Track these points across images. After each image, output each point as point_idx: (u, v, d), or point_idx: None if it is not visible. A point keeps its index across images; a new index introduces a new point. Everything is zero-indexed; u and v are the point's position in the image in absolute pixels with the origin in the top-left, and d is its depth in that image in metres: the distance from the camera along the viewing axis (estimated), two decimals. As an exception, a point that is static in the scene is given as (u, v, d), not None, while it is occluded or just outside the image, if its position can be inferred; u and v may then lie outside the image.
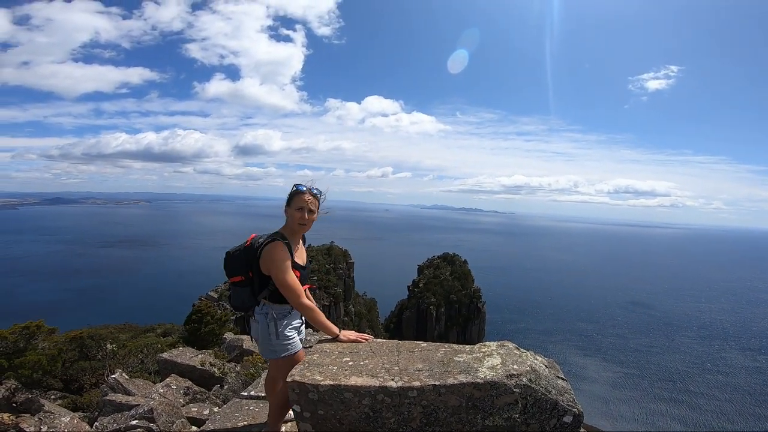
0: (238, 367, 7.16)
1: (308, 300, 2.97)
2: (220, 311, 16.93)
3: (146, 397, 5.15)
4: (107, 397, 5.35)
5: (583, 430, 2.42)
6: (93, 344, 9.03)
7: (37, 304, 77.37)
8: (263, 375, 4.90)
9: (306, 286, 3.08)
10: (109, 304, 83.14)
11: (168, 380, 5.96)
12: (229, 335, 10.77)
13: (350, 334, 3.02)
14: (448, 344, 2.77)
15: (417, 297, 74.35)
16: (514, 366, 2.35)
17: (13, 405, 6.49)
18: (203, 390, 6.13)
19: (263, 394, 4.00)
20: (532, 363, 2.43)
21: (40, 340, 8.66)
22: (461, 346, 2.72)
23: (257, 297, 2.94)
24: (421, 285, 76.00)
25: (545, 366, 2.51)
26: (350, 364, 2.51)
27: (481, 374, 2.25)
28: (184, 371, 6.80)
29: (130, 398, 5.29)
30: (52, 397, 7.31)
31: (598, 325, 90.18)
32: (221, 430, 3.60)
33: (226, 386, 6.28)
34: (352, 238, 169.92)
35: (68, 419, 5.23)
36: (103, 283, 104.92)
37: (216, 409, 4.89)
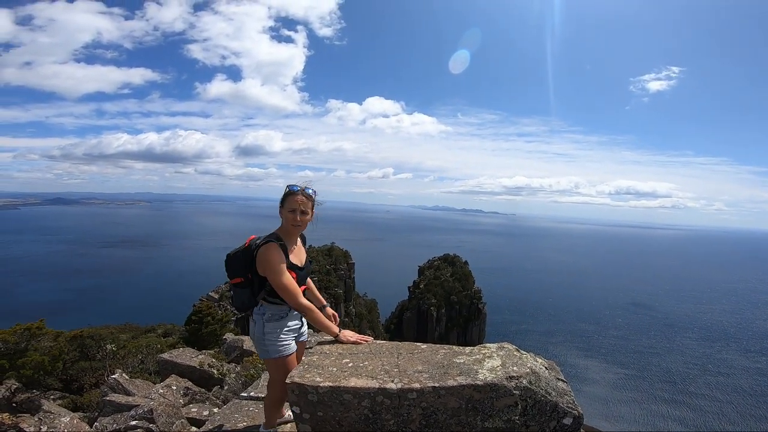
0: (238, 368, 7.15)
1: (307, 300, 2.96)
2: (220, 312, 16.94)
3: (146, 398, 5.15)
4: (107, 398, 5.35)
5: None
6: (93, 344, 9.01)
7: (38, 304, 77.47)
8: (263, 376, 4.90)
9: (303, 288, 3.07)
10: (110, 304, 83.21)
11: (168, 381, 5.97)
12: (229, 336, 10.77)
13: (350, 334, 3.02)
14: (448, 346, 2.76)
15: (417, 298, 74.30)
16: (514, 368, 2.34)
17: (13, 405, 6.49)
18: (203, 391, 6.13)
19: (263, 395, 4.00)
20: (532, 365, 2.42)
21: (44, 341, 8.66)
22: (461, 347, 2.72)
23: (257, 298, 2.97)
24: (421, 286, 75.96)
25: (545, 368, 2.50)
26: (350, 365, 2.51)
27: (480, 376, 2.25)
28: (185, 372, 6.80)
29: (130, 398, 5.29)
30: (52, 397, 7.31)
31: (598, 326, 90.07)
32: (221, 430, 3.60)
33: (226, 387, 6.28)
34: (352, 239, 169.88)
35: (68, 419, 5.23)
36: (104, 284, 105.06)
37: (216, 410, 4.89)
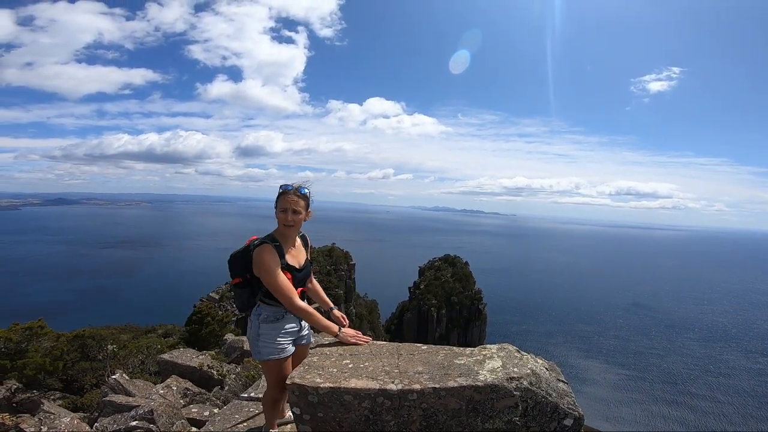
0: (239, 369, 7.16)
1: (303, 302, 2.93)
2: (221, 312, 16.94)
3: (146, 398, 5.15)
4: (107, 398, 5.35)
5: (583, 433, 2.40)
6: (94, 345, 9.02)
7: (39, 304, 77.49)
8: (263, 377, 4.90)
9: (300, 290, 3.05)
10: (111, 304, 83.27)
11: (168, 381, 5.97)
12: (230, 336, 10.78)
13: (350, 332, 3.00)
14: (448, 347, 2.75)
15: (418, 299, 74.24)
16: (515, 369, 2.33)
17: (14, 405, 6.50)
18: (203, 391, 6.13)
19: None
20: (533, 366, 2.41)
21: (45, 341, 8.66)
22: (461, 348, 2.70)
23: (255, 298, 2.98)
24: (422, 287, 75.90)
25: (546, 369, 2.49)
26: (350, 366, 2.50)
27: (481, 377, 2.24)
28: (185, 372, 6.80)
29: (131, 399, 5.29)
30: (52, 397, 7.31)
31: (599, 327, 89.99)
32: (221, 431, 3.60)
33: (226, 388, 6.28)
34: (353, 240, 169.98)
35: (68, 420, 5.23)
36: (104, 284, 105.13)
37: (216, 411, 4.89)
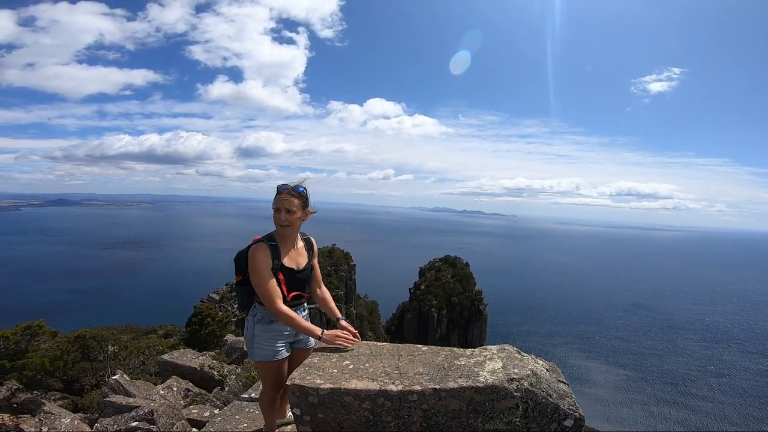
0: (239, 370, 7.16)
1: (285, 306, 2.83)
2: (221, 313, 16.95)
3: (147, 399, 5.15)
4: (108, 399, 5.34)
5: (584, 434, 2.40)
6: (95, 345, 9.02)
7: (40, 304, 77.51)
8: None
9: (294, 293, 2.96)
10: (111, 305, 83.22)
11: (169, 382, 5.97)
12: (230, 337, 10.78)
13: (332, 333, 2.86)
14: (448, 348, 2.74)
15: (418, 299, 74.21)
16: (515, 370, 2.32)
17: (14, 406, 6.49)
18: (204, 392, 6.13)
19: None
20: (533, 367, 2.40)
21: (42, 342, 8.67)
22: (462, 349, 2.70)
23: (253, 298, 2.99)
24: (422, 287, 75.87)
25: (546, 369, 2.48)
26: (350, 367, 2.49)
27: (481, 378, 2.23)
28: (185, 373, 6.80)
29: (131, 400, 5.29)
30: (52, 398, 7.31)
31: (600, 328, 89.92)
32: (221, 432, 3.59)
33: (226, 388, 6.28)
34: (353, 240, 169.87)
35: (69, 420, 5.23)
36: (105, 285, 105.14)
37: (216, 411, 4.90)
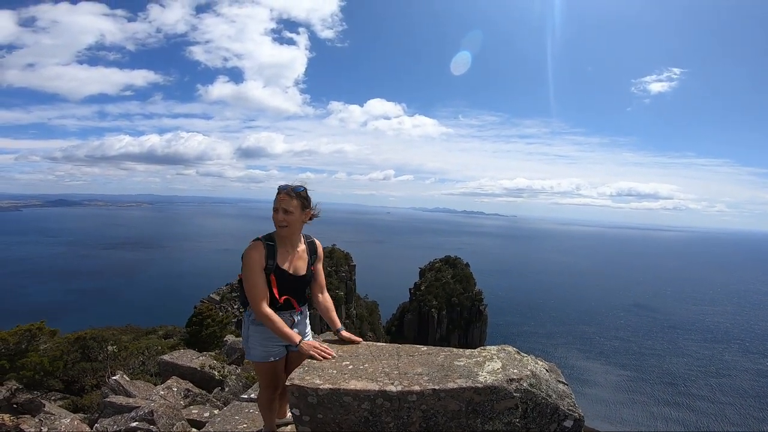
0: (239, 370, 7.16)
1: (269, 309, 2.76)
2: (221, 314, 16.96)
3: (147, 399, 5.15)
4: (108, 399, 5.35)
5: (583, 435, 2.39)
6: (95, 345, 9.03)
7: (40, 305, 77.57)
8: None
9: (285, 297, 2.87)
10: (112, 305, 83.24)
11: (169, 382, 5.97)
12: (230, 338, 10.78)
13: (310, 344, 2.74)
14: (448, 348, 2.73)
15: (419, 300, 74.21)
16: (515, 370, 2.32)
17: (14, 406, 6.49)
18: (204, 392, 6.13)
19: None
20: (533, 367, 2.40)
21: (42, 342, 8.67)
22: (461, 350, 2.69)
23: None
24: (422, 288, 75.88)
25: (546, 370, 2.48)
26: (350, 367, 2.49)
27: (481, 379, 2.23)
28: (185, 373, 6.80)
29: (131, 400, 5.29)
30: (52, 398, 7.32)
31: (600, 328, 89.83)
32: (221, 433, 3.59)
33: (226, 389, 6.28)
34: (353, 241, 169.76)
35: (68, 420, 5.23)
36: (105, 285, 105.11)
37: (216, 412, 4.90)
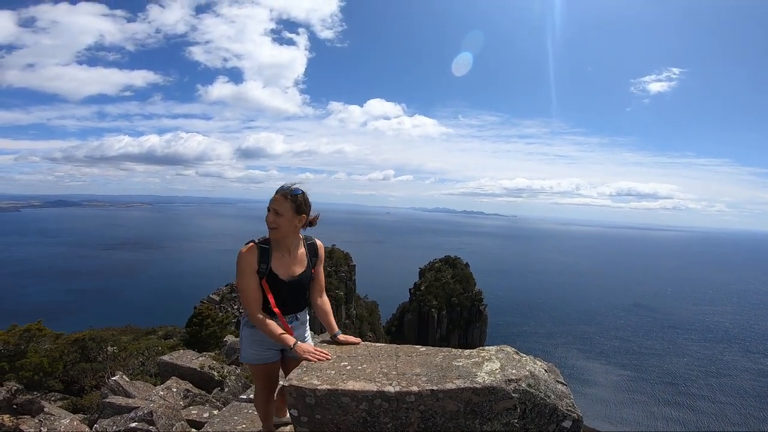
0: (239, 370, 7.15)
1: (262, 314, 2.70)
2: (221, 314, 16.95)
3: (146, 400, 5.15)
4: (107, 399, 5.35)
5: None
6: (94, 346, 9.03)
7: (40, 305, 77.51)
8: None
9: (281, 301, 2.79)
10: (111, 306, 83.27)
11: (168, 383, 5.97)
12: (230, 338, 10.77)
13: (304, 347, 2.69)
14: (447, 349, 2.73)
15: (418, 300, 74.24)
16: (513, 371, 2.32)
17: (14, 406, 6.50)
18: (203, 393, 6.13)
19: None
20: (532, 368, 2.40)
21: (42, 342, 8.67)
22: (460, 350, 2.69)
23: None
24: (422, 288, 75.90)
25: (545, 370, 2.48)
26: (348, 368, 2.48)
27: (479, 379, 2.23)
28: (185, 374, 6.80)
29: (130, 400, 5.29)
30: (52, 398, 7.31)
31: (600, 328, 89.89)
32: (220, 433, 3.59)
33: (226, 389, 6.28)
34: (353, 241, 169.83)
35: (68, 421, 5.23)
36: (105, 285, 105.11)
37: (216, 412, 4.90)
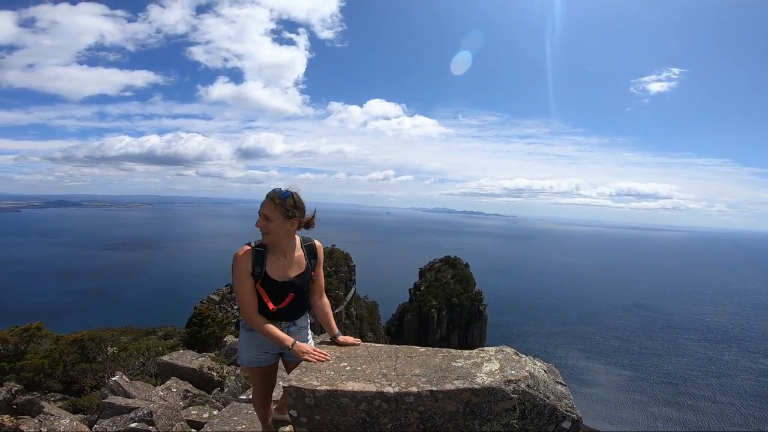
0: (238, 371, 7.15)
1: (259, 317, 2.71)
2: (221, 314, 16.92)
3: (146, 400, 5.14)
4: (107, 400, 5.35)
5: (582, 435, 2.39)
6: (94, 346, 9.03)
7: (40, 305, 77.57)
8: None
9: (277, 306, 2.76)
10: (111, 306, 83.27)
11: (168, 383, 5.97)
12: (229, 338, 10.77)
13: (303, 347, 2.69)
14: (446, 349, 2.73)
15: (418, 300, 74.24)
16: (513, 371, 2.31)
17: (14, 407, 6.50)
18: (203, 393, 6.13)
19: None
20: (531, 368, 2.40)
21: (42, 343, 8.67)
22: (460, 351, 2.69)
23: None
24: (422, 288, 75.90)
25: (544, 371, 2.47)
26: (347, 369, 2.48)
27: (479, 380, 2.22)
28: (185, 374, 6.80)
29: (130, 401, 5.29)
30: (52, 399, 7.32)
31: (600, 328, 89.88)
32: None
33: (225, 390, 6.28)
34: (353, 241, 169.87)
35: (68, 421, 5.23)
36: (105, 286, 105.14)
37: (215, 413, 4.90)
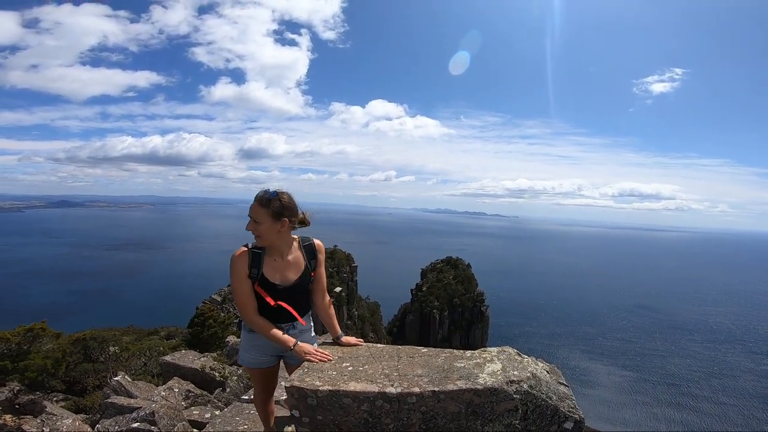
0: (240, 371, 7.16)
1: (260, 318, 2.71)
2: (223, 315, 16.96)
3: (148, 400, 5.15)
4: (109, 400, 5.36)
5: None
6: (96, 346, 9.06)
7: (42, 306, 77.86)
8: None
9: (279, 304, 2.74)
10: (114, 306, 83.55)
11: (170, 383, 5.98)
12: (231, 339, 10.78)
13: (305, 348, 2.68)
14: (448, 350, 2.72)
15: (420, 301, 74.21)
16: (515, 372, 2.31)
17: (16, 407, 6.52)
18: (205, 393, 6.14)
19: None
20: (533, 369, 2.39)
21: (45, 343, 8.70)
22: (462, 351, 2.68)
23: None
24: (424, 289, 75.86)
25: (546, 371, 2.47)
26: (349, 369, 2.48)
27: (481, 380, 2.22)
28: (187, 374, 6.82)
29: (132, 401, 5.30)
30: (54, 399, 7.34)
31: (602, 329, 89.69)
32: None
33: (227, 390, 6.29)
34: (355, 242, 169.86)
35: (70, 421, 5.24)
36: (107, 286, 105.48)
37: (217, 413, 4.90)
